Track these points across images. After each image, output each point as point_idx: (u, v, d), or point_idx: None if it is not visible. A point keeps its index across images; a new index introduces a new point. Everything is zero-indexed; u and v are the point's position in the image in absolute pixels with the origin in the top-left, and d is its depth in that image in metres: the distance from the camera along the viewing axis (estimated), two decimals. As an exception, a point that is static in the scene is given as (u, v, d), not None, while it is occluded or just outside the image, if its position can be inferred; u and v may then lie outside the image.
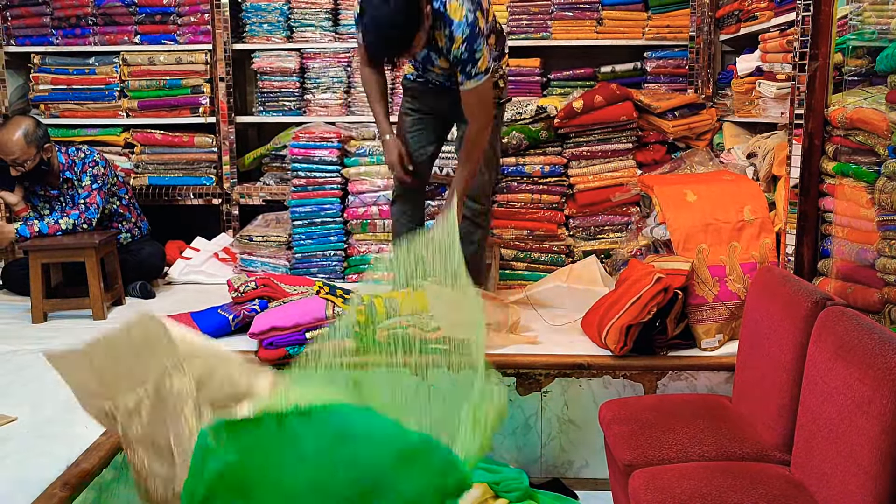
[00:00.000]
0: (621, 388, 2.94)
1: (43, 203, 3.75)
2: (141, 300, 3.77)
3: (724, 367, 2.89)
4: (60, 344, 3.06)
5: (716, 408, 2.50)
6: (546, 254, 4.00)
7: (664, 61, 4.40)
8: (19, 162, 3.52)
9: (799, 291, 2.22)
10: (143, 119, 4.53)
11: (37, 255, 3.38)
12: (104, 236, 3.57)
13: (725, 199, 3.20)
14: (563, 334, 3.22)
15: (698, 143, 4.07)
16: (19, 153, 3.50)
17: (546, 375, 2.94)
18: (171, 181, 4.53)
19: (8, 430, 2.28)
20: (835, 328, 1.96)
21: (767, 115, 3.58)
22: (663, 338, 2.96)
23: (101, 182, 3.74)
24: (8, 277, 3.90)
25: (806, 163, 2.83)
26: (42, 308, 3.40)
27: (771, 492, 1.97)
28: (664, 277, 2.90)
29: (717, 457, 2.23)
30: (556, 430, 3.00)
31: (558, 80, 4.49)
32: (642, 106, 3.98)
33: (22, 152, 3.51)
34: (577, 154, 3.98)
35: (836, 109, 2.68)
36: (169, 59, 4.47)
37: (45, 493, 1.95)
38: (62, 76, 4.52)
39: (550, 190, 4.01)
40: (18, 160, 3.51)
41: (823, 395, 1.94)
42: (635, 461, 2.25)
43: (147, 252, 3.96)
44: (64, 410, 2.40)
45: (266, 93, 4.54)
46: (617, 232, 3.99)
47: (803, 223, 2.87)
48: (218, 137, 4.47)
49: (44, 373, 2.70)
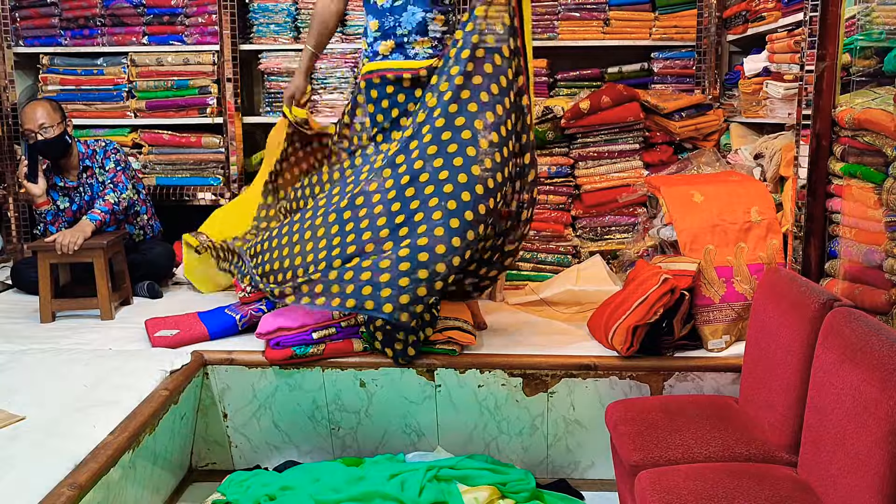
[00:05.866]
0: (628, 388, 2.94)
1: (62, 196, 3.79)
2: (149, 300, 3.79)
3: (731, 368, 2.88)
4: (69, 343, 3.09)
5: (722, 409, 2.50)
6: (553, 254, 4.00)
7: (671, 62, 4.39)
8: (46, 126, 3.60)
9: (806, 292, 2.21)
10: (150, 119, 4.55)
11: (45, 255, 3.40)
12: (112, 237, 3.58)
13: (732, 200, 3.20)
14: (569, 335, 3.22)
15: (705, 143, 4.06)
16: (46, 118, 3.61)
17: (552, 376, 2.94)
18: (178, 181, 4.54)
19: (16, 429, 2.29)
20: (842, 330, 1.96)
21: (775, 115, 3.57)
22: (670, 339, 2.95)
23: (125, 165, 3.86)
24: (17, 276, 3.92)
25: (813, 164, 2.82)
26: (50, 308, 3.42)
27: (778, 493, 1.97)
28: (671, 278, 2.89)
29: (724, 458, 2.23)
30: (563, 430, 3.00)
31: (565, 80, 4.49)
32: (649, 106, 3.98)
33: (48, 116, 3.62)
34: (584, 155, 3.98)
35: (844, 110, 2.67)
36: (176, 60, 4.49)
37: (52, 492, 1.95)
38: (70, 77, 4.54)
39: (557, 191, 4.01)
40: (46, 124, 3.60)
41: (831, 397, 1.94)
42: (642, 462, 2.25)
43: (157, 252, 3.99)
44: (72, 410, 2.42)
45: (273, 93, 4.55)
46: (624, 233, 3.99)
47: (811, 224, 2.86)
48: (225, 138, 4.48)
49: (52, 372, 2.73)
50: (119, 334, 3.22)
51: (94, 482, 2.09)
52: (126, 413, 2.42)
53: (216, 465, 3.11)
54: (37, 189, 3.67)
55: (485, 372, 2.95)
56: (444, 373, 2.96)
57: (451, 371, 2.95)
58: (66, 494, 1.95)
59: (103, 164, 3.83)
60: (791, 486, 2.02)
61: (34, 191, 3.67)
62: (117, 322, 3.43)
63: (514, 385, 2.96)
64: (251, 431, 3.06)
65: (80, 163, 3.80)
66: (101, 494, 2.15)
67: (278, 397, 3.01)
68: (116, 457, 2.22)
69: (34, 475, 2.01)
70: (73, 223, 3.64)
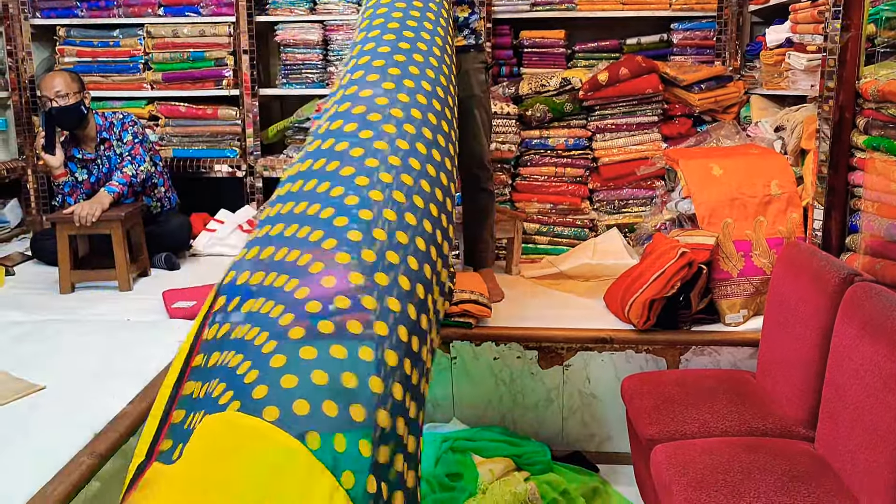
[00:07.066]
0: (644, 362, 2.93)
1: (80, 168, 3.81)
2: (166, 272, 3.81)
3: (749, 343, 2.87)
4: (88, 314, 3.11)
5: (739, 383, 2.49)
6: (569, 227, 3.98)
7: (691, 33, 4.32)
8: (62, 94, 3.62)
9: (826, 267, 2.19)
10: (167, 91, 4.54)
11: (64, 227, 3.42)
12: (130, 209, 3.60)
13: (752, 173, 3.16)
14: (585, 309, 3.22)
15: (725, 116, 4.01)
16: (63, 86, 3.64)
17: (568, 349, 2.94)
18: (195, 153, 4.54)
19: (36, 398, 2.32)
20: (862, 304, 1.94)
21: (797, 87, 3.52)
22: (687, 313, 2.94)
23: (142, 137, 3.88)
24: (37, 248, 3.96)
25: (836, 136, 2.78)
26: (70, 279, 3.44)
27: (794, 468, 1.97)
28: (688, 252, 2.87)
29: (740, 432, 2.23)
30: (578, 403, 3.00)
31: (583, 52, 4.43)
32: (668, 78, 3.93)
33: (66, 85, 3.64)
34: (602, 127, 3.94)
35: (868, 82, 2.62)
36: (192, 32, 4.47)
37: (73, 460, 1.98)
38: (87, 48, 4.53)
39: (574, 163, 3.98)
40: (62, 92, 3.62)
41: (849, 372, 1.92)
42: (657, 436, 2.25)
43: (174, 224, 4.01)
44: (92, 379, 2.44)
45: (289, 65, 4.52)
46: (641, 206, 3.96)
47: (832, 198, 2.83)
48: (241, 110, 4.47)
49: (72, 342, 2.75)
50: (137, 305, 3.24)
51: (114, 451, 2.11)
52: (145, 383, 2.44)
53: (234, 435, 3.13)
54: (55, 161, 3.68)
55: (500, 344, 2.96)
56: (460, 345, 2.96)
57: (466, 343, 2.96)
58: (86, 463, 1.98)
59: (121, 136, 3.84)
60: (808, 460, 2.01)
61: (52, 162, 3.69)
62: (135, 293, 3.45)
63: (529, 358, 2.96)
64: (268, 402, 3.08)
65: (98, 135, 3.81)
66: (120, 463, 2.18)
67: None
68: (135, 426, 2.24)
69: (54, 443, 2.03)
70: (91, 195, 3.65)
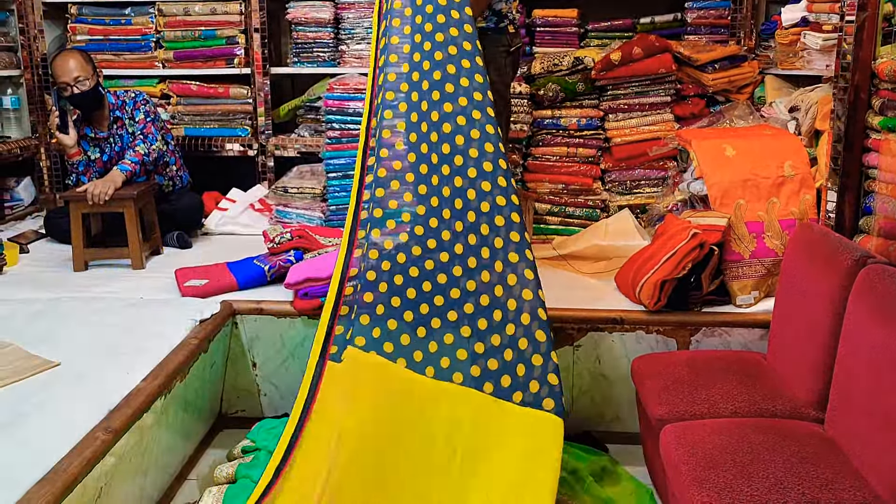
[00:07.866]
0: (654, 343, 2.93)
1: (93, 146, 3.82)
2: (178, 250, 3.83)
3: (759, 324, 2.86)
4: (101, 292, 3.14)
5: (750, 364, 2.49)
6: (581, 208, 3.97)
7: (705, 12, 4.28)
8: (81, 79, 3.63)
9: (839, 248, 2.18)
10: (178, 70, 4.54)
11: (77, 205, 3.43)
12: (142, 187, 3.61)
13: (765, 154, 3.14)
14: (596, 289, 3.21)
15: (739, 96, 3.98)
16: (80, 70, 3.64)
17: (578, 329, 2.94)
18: (207, 132, 4.54)
19: (50, 375, 2.34)
20: (875, 286, 1.93)
21: (812, 67, 3.49)
22: (698, 294, 2.93)
23: (154, 116, 3.89)
24: (50, 226, 3.99)
25: (850, 117, 2.76)
26: (83, 257, 3.47)
27: (804, 449, 1.97)
28: (700, 233, 2.87)
29: (750, 413, 2.23)
30: (588, 383, 3.01)
31: (596, 31, 4.40)
32: (682, 58, 3.90)
33: (82, 69, 3.65)
34: (614, 107, 3.92)
35: (885, 62, 2.60)
36: (204, 10, 4.46)
37: (87, 436, 2.00)
38: (99, 27, 4.53)
39: (586, 143, 3.96)
40: (81, 77, 3.63)
41: (861, 354, 1.92)
42: (667, 416, 2.25)
43: (186, 202, 4.02)
44: (105, 356, 2.47)
45: (300, 44, 4.51)
46: (653, 187, 3.94)
47: (846, 179, 2.81)
48: (253, 89, 4.47)
49: (85, 319, 2.78)
50: (150, 283, 3.27)
51: (128, 427, 2.14)
52: (158, 360, 2.47)
53: (245, 412, 3.16)
54: (69, 140, 3.70)
55: (511, 325, 2.96)
56: (471, 325, 2.96)
57: (477, 323, 2.96)
58: (101, 438, 2.00)
59: (133, 115, 3.85)
60: (817, 442, 2.02)
61: (66, 141, 3.70)
62: (148, 271, 3.47)
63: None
64: (280, 380, 3.11)
65: (111, 114, 3.82)
66: (134, 439, 2.20)
67: (307, 347, 3.04)
68: (149, 403, 2.27)
69: (70, 419, 2.06)
70: (104, 173, 3.67)
